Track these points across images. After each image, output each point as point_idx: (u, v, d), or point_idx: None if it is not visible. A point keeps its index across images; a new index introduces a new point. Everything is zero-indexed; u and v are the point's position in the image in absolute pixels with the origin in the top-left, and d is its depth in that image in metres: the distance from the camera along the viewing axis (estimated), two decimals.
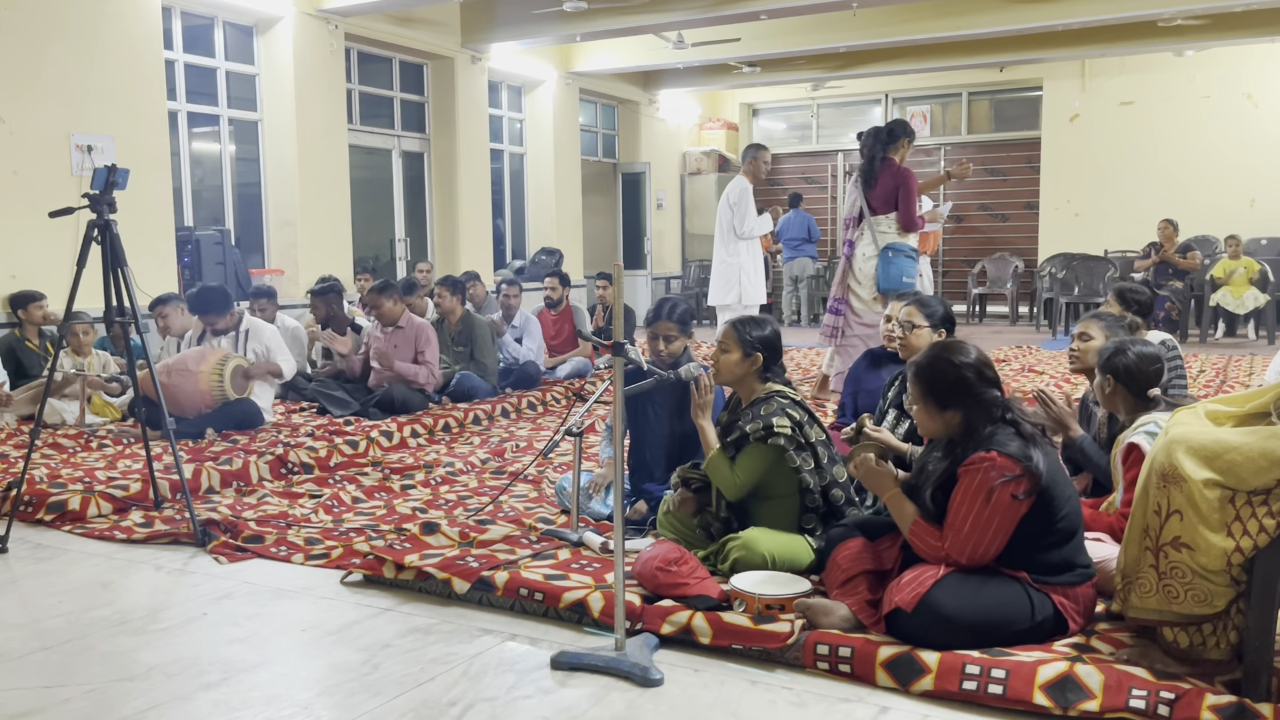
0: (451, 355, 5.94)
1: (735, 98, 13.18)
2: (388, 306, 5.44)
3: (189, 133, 7.45)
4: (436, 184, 9.39)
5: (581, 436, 3.05)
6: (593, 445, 4.52)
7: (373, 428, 4.78)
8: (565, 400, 5.98)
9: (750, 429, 2.62)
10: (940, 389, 2.22)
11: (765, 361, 2.73)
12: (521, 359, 6.25)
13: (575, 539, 2.98)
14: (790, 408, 2.65)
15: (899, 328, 3.18)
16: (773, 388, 2.73)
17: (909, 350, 3.12)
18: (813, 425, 2.67)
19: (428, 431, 4.95)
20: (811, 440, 2.64)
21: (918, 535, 2.19)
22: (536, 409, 5.75)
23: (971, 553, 2.13)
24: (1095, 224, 10.95)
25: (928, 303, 3.21)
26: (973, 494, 2.13)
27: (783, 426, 2.59)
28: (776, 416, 2.61)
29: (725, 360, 2.74)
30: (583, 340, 6.50)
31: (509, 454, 4.52)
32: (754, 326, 2.76)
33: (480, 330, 5.90)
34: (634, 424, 3.31)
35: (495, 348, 6.04)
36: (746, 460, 2.63)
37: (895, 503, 2.24)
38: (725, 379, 2.76)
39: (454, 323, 5.97)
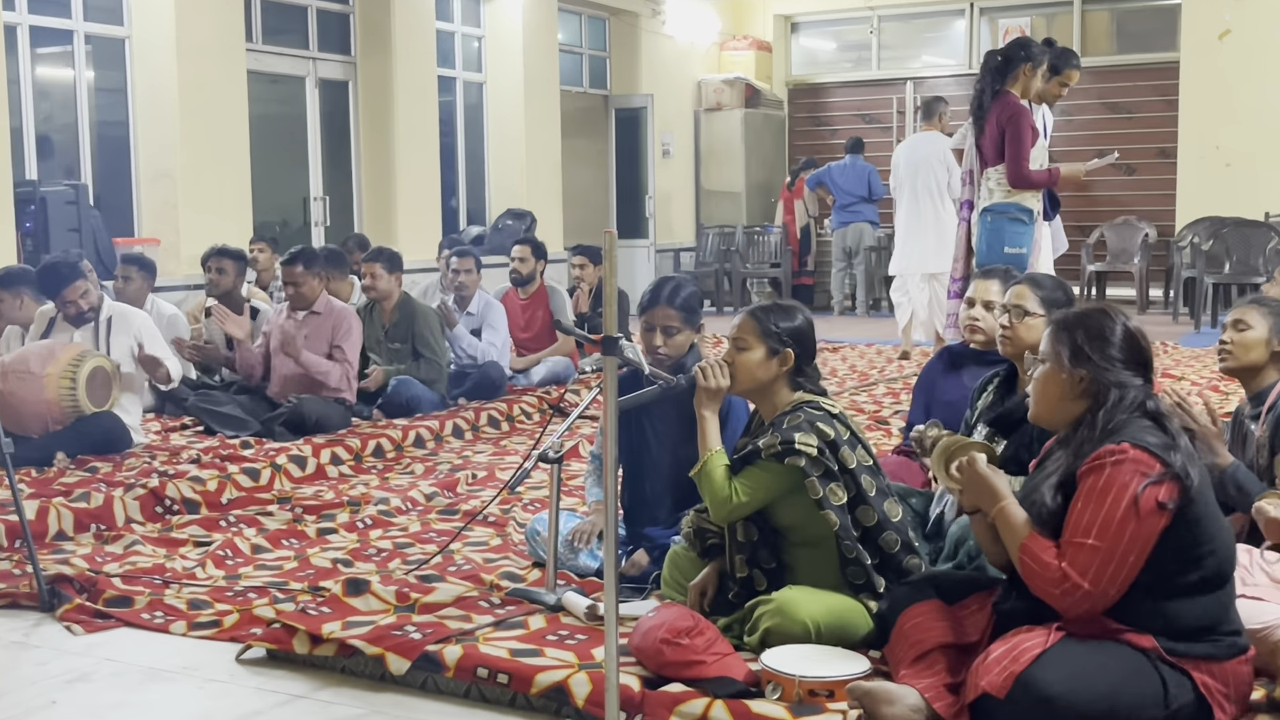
0: (386, 354, 5.96)
1: (767, 7, 13.22)
2: (309, 284, 5.45)
3: (31, 54, 7.46)
4: (365, 124, 9.42)
5: (561, 464, 3.06)
6: (576, 476, 4.53)
7: (279, 452, 4.79)
8: (539, 415, 6.00)
9: (765, 443, 2.64)
10: (1087, 343, 2.26)
11: (798, 362, 2.74)
12: (480, 358, 6.27)
13: (553, 602, 3.00)
14: (824, 421, 2.66)
15: (1003, 313, 3.17)
16: (805, 398, 2.74)
17: (1015, 345, 3.11)
18: (856, 447, 2.68)
19: (353, 457, 4.97)
20: (851, 466, 2.65)
21: (1030, 555, 2.20)
22: (500, 426, 5.78)
23: (1098, 574, 2.14)
24: (1252, 178, 10.88)
25: (1044, 283, 3.19)
26: (1099, 494, 2.15)
27: (807, 444, 2.61)
28: (801, 431, 2.62)
29: (745, 361, 2.74)
30: (562, 334, 6.52)
31: (463, 487, 4.53)
32: (780, 315, 2.77)
33: (424, 321, 5.92)
34: (631, 448, 3.32)
35: (445, 343, 6.06)
36: (751, 478, 2.65)
37: (1005, 517, 2.26)
38: (744, 386, 2.77)
39: (389, 310, 5.98)
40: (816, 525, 2.63)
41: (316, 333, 5.48)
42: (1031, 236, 5.32)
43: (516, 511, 4.08)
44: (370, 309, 6.01)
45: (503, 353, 6.41)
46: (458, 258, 6.49)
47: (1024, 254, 5.25)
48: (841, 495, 2.61)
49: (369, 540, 3.81)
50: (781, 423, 2.65)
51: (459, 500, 4.33)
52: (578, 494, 4.17)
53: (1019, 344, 3.09)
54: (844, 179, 11.10)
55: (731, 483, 2.65)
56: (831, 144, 12.62)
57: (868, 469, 2.67)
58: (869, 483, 2.65)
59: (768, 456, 2.61)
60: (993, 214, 5.31)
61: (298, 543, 3.84)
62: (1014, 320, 3.11)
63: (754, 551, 2.72)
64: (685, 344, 3.24)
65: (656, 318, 3.23)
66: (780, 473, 2.62)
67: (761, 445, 2.62)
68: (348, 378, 5.46)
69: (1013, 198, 5.30)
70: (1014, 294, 3.16)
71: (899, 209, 7.75)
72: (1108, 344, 2.27)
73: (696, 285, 3.45)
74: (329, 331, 5.46)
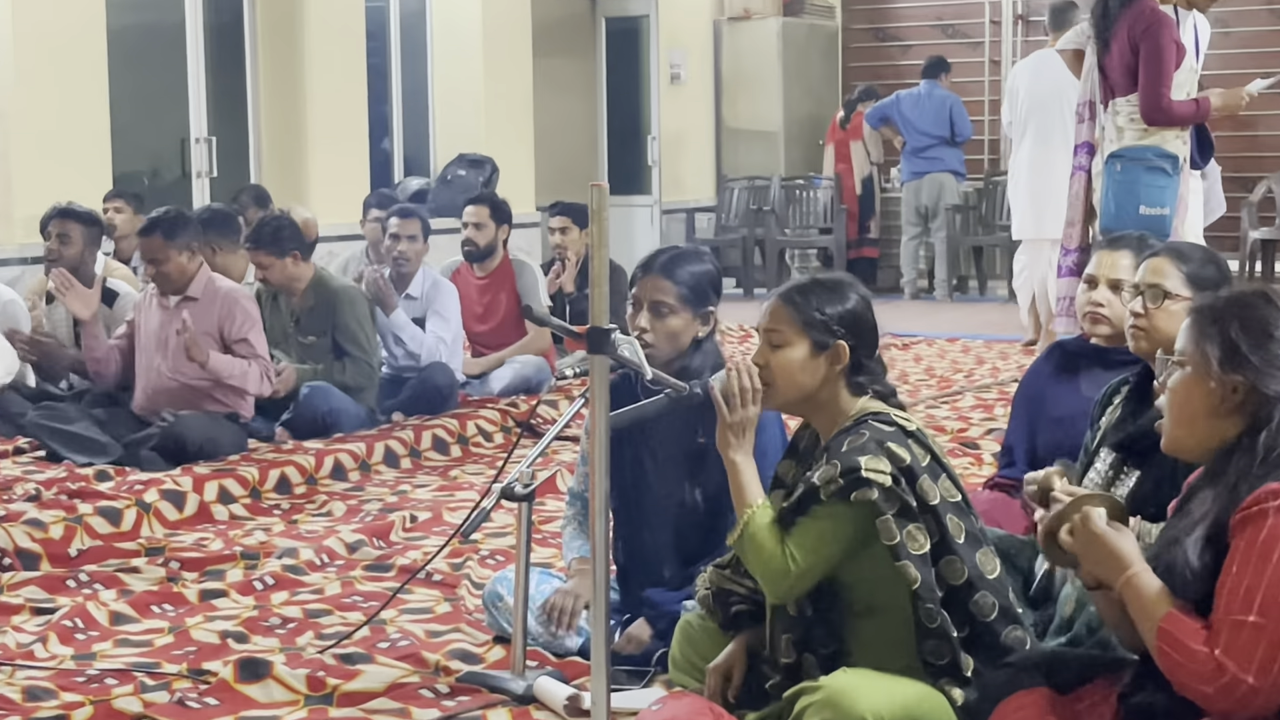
0: (295, 352, 5.97)
1: None
2: (173, 261, 5.46)
3: None
4: (265, 39, 9.41)
5: (532, 502, 3.06)
6: (553, 518, 4.51)
7: (148, 486, 4.79)
8: (502, 435, 6.00)
9: (821, 478, 2.62)
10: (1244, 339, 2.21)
11: (856, 355, 2.74)
12: (424, 357, 6.27)
13: (521, 690, 3.00)
14: (896, 441, 2.65)
15: (1135, 296, 3.16)
16: (869, 407, 2.73)
17: (1152, 340, 3.08)
18: (939, 477, 2.67)
19: (249, 493, 4.98)
20: (932, 502, 2.64)
21: (1171, 640, 2.17)
22: (450, 450, 5.78)
23: (1264, 664, 2.10)
24: None
25: (1191, 255, 3.17)
26: (1261, 552, 2.11)
27: (877, 471, 2.59)
28: (868, 455, 2.60)
29: (783, 362, 2.73)
30: (534, 325, 6.51)
31: (399, 534, 4.54)
32: (824, 295, 2.75)
33: (349, 307, 5.92)
34: (627, 482, 3.32)
35: (375, 338, 6.07)
36: (811, 533, 2.62)
37: (1135, 589, 2.23)
38: (786, 396, 2.75)
39: (299, 294, 5.99)
40: (886, 585, 2.62)
41: (198, 326, 5.47)
42: (1175, 191, 5.30)
43: (472, 567, 4.08)
44: (273, 296, 6.02)
45: (453, 350, 6.41)
46: (399, 219, 6.48)
47: (1165, 215, 5.22)
48: (923, 542, 2.59)
49: (270, 606, 3.81)
50: (841, 444, 2.63)
51: (393, 552, 4.32)
52: (554, 544, 4.15)
53: (1157, 338, 3.06)
54: (918, 114, 11.11)
55: (785, 545, 2.60)
56: (901, 65, 12.66)
57: (954, 507, 2.65)
58: (956, 526, 2.63)
59: (829, 497, 2.58)
60: (1123, 161, 5.28)
61: (173, 609, 3.83)
62: (1149, 305, 3.10)
63: (807, 630, 2.70)
64: (681, 333, 3.23)
65: (645, 290, 3.23)
66: (848, 517, 2.59)
67: (818, 481, 2.60)
68: (267, 375, 5.50)
69: (1150, 139, 5.28)
70: (1149, 269, 3.14)
71: (1018, 153, 7.73)
72: (1272, 340, 2.25)
73: (714, 261, 3.44)
74: (214, 324, 5.45)
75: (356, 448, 5.46)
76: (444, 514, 4.73)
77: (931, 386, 7.19)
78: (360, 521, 4.68)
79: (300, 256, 5.88)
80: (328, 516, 4.81)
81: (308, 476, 5.18)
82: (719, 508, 3.20)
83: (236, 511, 4.84)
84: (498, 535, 4.42)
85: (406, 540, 4.47)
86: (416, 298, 6.42)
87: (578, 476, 3.49)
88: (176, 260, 5.43)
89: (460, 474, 5.44)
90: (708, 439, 3.20)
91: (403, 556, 4.24)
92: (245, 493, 4.95)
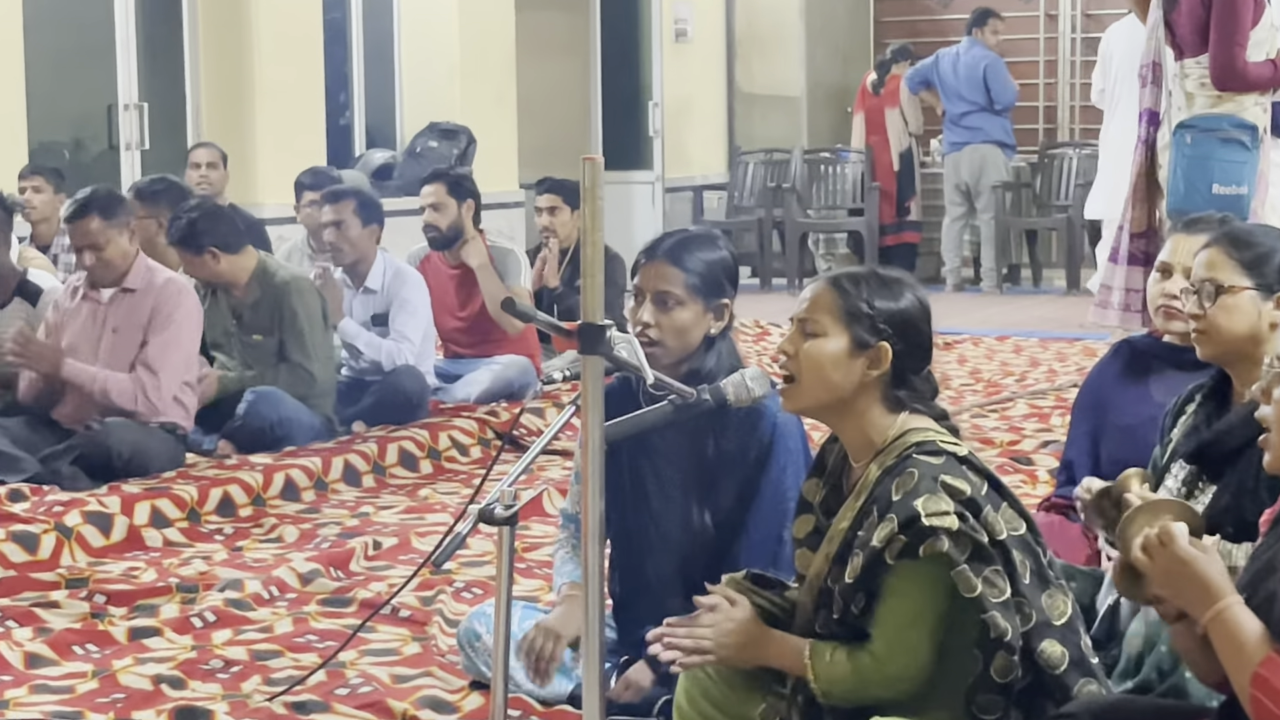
0: (239, 352, 5.97)
1: None
2: (115, 243, 5.46)
3: None
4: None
5: (515, 527, 3.05)
6: (541, 545, 4.49)
7: (69, 507, 4.80)
8: (480, 449, 6.00)
9: (881, 539, 2.60)
10: None
11: (900, 365, 2.73)
12: (387, 361, 6.28)
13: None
14: (951, 472, 2.63)
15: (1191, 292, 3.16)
16: (912, 427, 2.72)
17: (1214, 344, 3.08)
18: (1000, 505, 2.66)
19: (186, 515, 4.98)
20: (1000, 537, 2.63)
21: (1269, 689, 2.16)
22: (419, 466, 5.79)
23: None
24: None
25: (1245, 238, 3.17)
26: None
27: (939, 514, 2.56)
28: (924, 496, 2.59)
29: (814, 354, 2.71)
30: (512, 321, 6.51)
31: (360, 563, 4.54)
32: (878, 289, 2.74)
33: (300, 300, 5.92)
34: (625, 503, 3.32)
35: (330, 337, 6.07)
36: (896, 612, 2.58)
37: (1226, 626, 2.20)
38: (811, 396, 2.74)
39: (241, 287, 6.00)
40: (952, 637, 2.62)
41: (128, 322, 5.48)
42: (1254, 167, 5.28)
43: (445, 601, 4.08)
44: (211, 288, 6.01)
45: (423, 351, 6.43)
46: (330, 204, 6.47)
47: (1242, 194, 5.21)
48: (1003, 586, 2.57)
49: (211, 647, 3.80)
50: (888, 491, 2.60)
51: (353, 584, 4.32)
52: (541, 574, 4.15)
53: (1220, 338, 3.06)
54: (955, 75, 11.12)
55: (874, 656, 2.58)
56: (941, 21, 12.64)
57: (1019, 541, 2.63)
58: (1021, 563, 2.62)
59: (896, 559, 2.57)
60: (1193, 132, 5.27)
61: (99, 650, 3.82)
62: (1204, 304, 3.09)
63: None
64: (689, 329, 3.21)
65: (647, 279, 3.22)
66: (926, 577, 2.56)
67: (878, 544, 2.57)
68: (183, 404, 5.45)
69: (1224, 107, 5.27)
70: (1200, 263, 3.12)
71: (1109, 126, 7.67)
72: None
73: (729, 245, 3.44)
74: (145, 320, 5.45)
75: (311, 463, 5.45)
76: (412, 540, 4.72)
77: (978, 392, 7.19)
78: (315, 548, 4.68)
79: (220, 252, 5.82)
80: (278, 543, 4.81)
81: (254, 496, 5.18)
82: (732, 532, 3.20)
83: (172, 537, 4.83)
84: (475, 565, 4.41)
85: (369, 570, 4.46)
86: (376, 291, 6.42)
87: (570, 497, 3.49)
88: (118, 244, 5.43)
89: (431, 493, 5.44)
90: (720, 452, 3.21)
91: (365, 589, 4.24)
92: (182, 515, 4.95)
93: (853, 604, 2.59)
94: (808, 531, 2.76)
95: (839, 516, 2.70)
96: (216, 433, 5.73)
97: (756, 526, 3.17)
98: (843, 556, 2.64)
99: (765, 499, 3.16)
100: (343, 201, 6.42)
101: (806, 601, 2.72)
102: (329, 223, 6.39)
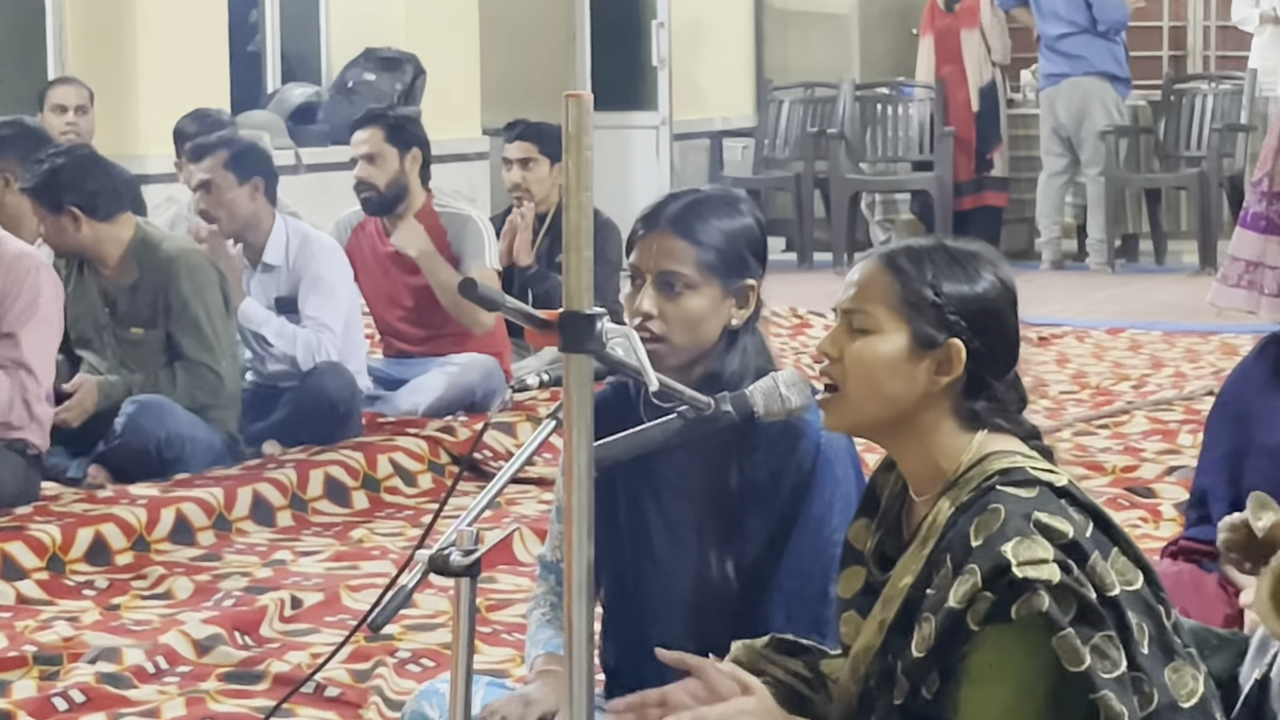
0: (114, 350, 5.99)
1: None
2: None
3: None
4: None
5: (476, 578, 3.06)
6: (511, 603, 4.48)
7: None
8: (432, 475, 6.02)
9: (960, 598, 2.60)
10: None
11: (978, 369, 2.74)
12: (306, 356, 6.30)
13: None
14: (1045, 506, 2.64)
15: None
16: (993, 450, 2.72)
17: None
18: (1112, 551, 2.67)
19: (45, 563, 4.99)
20: (1112, 593, 2.64)
21: None
22: (349, 499, 5.81)
23: None
24: None
25: None
26: None
27: (1034, 562, 2.56)
28: (1013, 541, 2.59)
29: (864, 354, 2.70)
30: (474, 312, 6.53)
31: (274, 626, 4.55)
32: (944, 267, 2.73)
33: (191, 282, 5.94)
34: (621, 545, 3.34)
35: (231, 328, 6.09)
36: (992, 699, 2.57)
37: None
38: (857, 409, 2.73)
39: (114, 265, 6.01)
40: None
41: None
42: None
43: (385, 676, 4.09)
44: (77, 264, 6.04)
45: (348, 345, 6.44)
46: (194, 161, 6.52)
47: None
48: (1117, 657, 2.57)
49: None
50: (965, 535, 2.61)
51: (266, 653, 4.33)
52: (511, 641, 4.15)
53: None
54: None
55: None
56: None
57: (1135, 599, 2.64)
58: (1139, 627, 2.63)
59: (982, 624, 2.57)
60: None
61: None
62: None
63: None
64: (704, 319, 3.21)
65: (649, 255, 3.23)
66: (1025, 650, 2.56)
67: (957, 605, 2.58)
68: (25, 402, 5.47)
69: None
70: None
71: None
72: None
73: (755, 211, 3.45)
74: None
75: (210, 495, 5.47)
76: (343, 596, 4.74)
77: (1082, 402, 7.21)
78: (215, 607, 4.68)
79: (82, 215, 5.84)
80: (166, 599, 4.81)
81: (135, 539, 5.19)
82: (761, 587, 3.21)
83: (27, 592, 4.84)
84: (424, 628, 4.43)
85: (285, 636, 4.47)
86: (276, 266, 6.45)
87: (550, 540, 3.50)
88: None
89: (367, 535, 5.46)
90: (745, 481, 3.21)
91: (280, 660, 4.24)
92: (40, 564, 4.96)
93: (924, 686, 2.59)
94: (856, 589, 2.74)
95: (899, 570, 2.68)
96: (86, 455, 5.74)
97: (792, 578, 3.18)
98: (905, 623, 2.63)
99: (804, 543, 3.16)
100: (211, 156, 6.45)
101: (852, 682, 2.73)
102: (198, 184, 6.44)
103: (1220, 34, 12.13)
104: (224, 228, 6.38)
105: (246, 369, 6.34)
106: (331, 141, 9.45)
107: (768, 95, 12.59)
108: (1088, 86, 11.07)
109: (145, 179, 7.63)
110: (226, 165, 6.39)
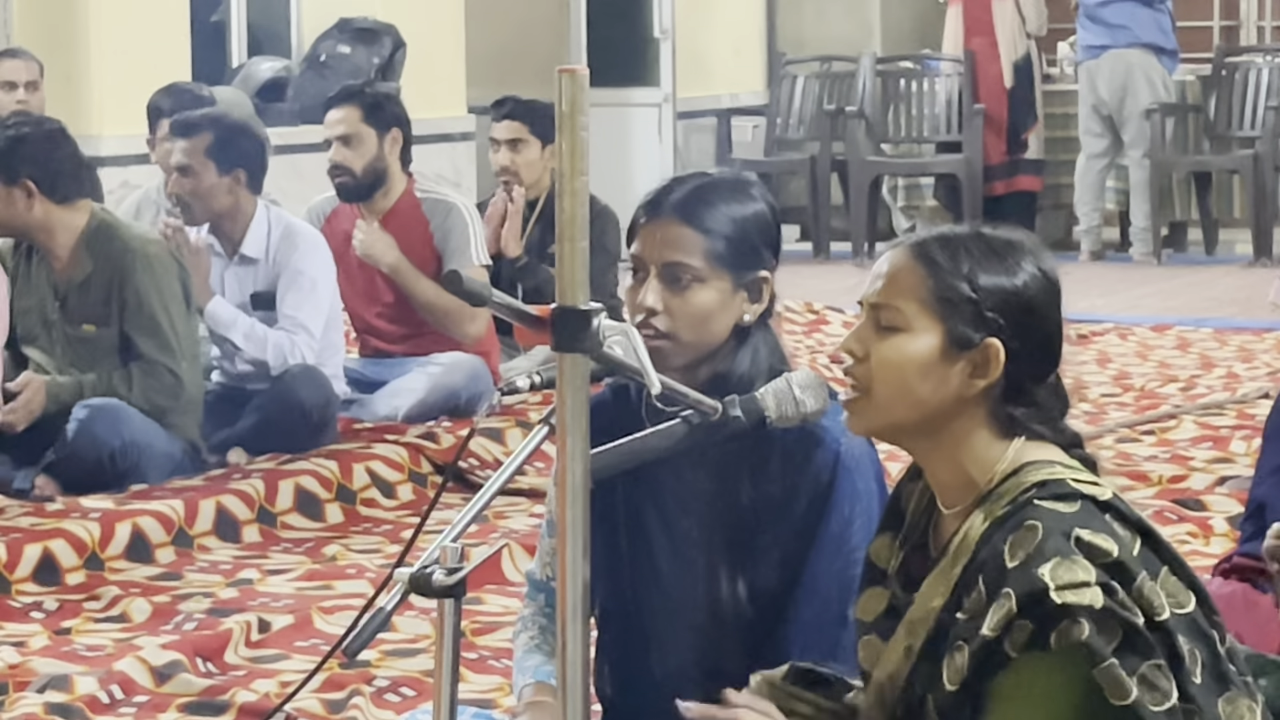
0: (63, 348, 6.01)
1: None
2: None
3: None
4: None
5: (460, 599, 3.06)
6: (498, 626, 4.49)
7: None
8: (412, 486, 6.04)
9: (995, 624, 2.60)
10: None
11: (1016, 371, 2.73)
12: (277, 359, 6.32)
13: None
14: (1086, 522, 2.63)
15: None
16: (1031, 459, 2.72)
17: None
18: (1160, 571, 2.67)
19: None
20: (1162, 617, 2.63)
21: None
22: (322, 514, 5.83)
23: None
24: None
25: None
26: None
27: (1074, 586, 2.56)
28: (1051, 562, 2.59)
29: (892, 354, 2.70)
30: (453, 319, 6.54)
31: (239, 652, 4.56)
32: (981, 258, 2.73)
33: (149, 278, 5.95)
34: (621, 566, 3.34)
35: (194, 326, 6.10)
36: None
37: None
38: (884, 413, 2.73)
39: (65, 255, 6.02)
40: None
41: None
42: None
43: (362, 708, 4.10)
44: (26, 247, 6.06)
45: (327, 347, 6.47)
46: (180, 138, 6.51)
47: None
48: (1168, 687, 2.58)
49: None
50: (999, 549, 2.61)
51: (231, 681, 4.34)
52: (500, 668, 4.16)
53: None
54: None
55: None
56: None
57: (1187, 622, 2.64)
58: (1190, 654, 2.63)
59: (1021, 651, 2.57)
60: None
61: None
62: None
63: None
64: (712, 315, 3.22)
65: (652, 244, 3.24)
66: (1064, 681, 2.56)
67: (991, 632, 2.57)
68: None
69: None
70: None
71: None
72: None
73: (768, 196, 3.44)
74: None
75: (169, 508, 5.48)
76: (315, 619, 4.75)
77: (1126, 406, 7.22)
78: (176, 630, 4.69)
79: (37, 193, 5.85)
80: (121, 622, 4.82)
81: (88, 556, 5.20)
82: (775, 609, 3.21)
83: None
84: (405, 654, 4.43)
85: (252, 662, 4.48)
86: (256, 259, 6.46)
87: (541, 557, 3.50)
88: None
89: (342, 551, 5.47)
90: (758, 494, 3.21)
91: (246, 689, 4.24)
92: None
93: None
94: (878, 612, 2.74)
95: (925, 591, 2.67)
96: (33, 465, 5.75)
97: (809, 601, 3.18)
98: (935, 650, 2.63)
99: (822, 562, 3.16)
100: (196, 136, 6.45)
101: (878, 713, 2.72)
102: (176, 166, 6.43)
103: (1277, 2, 12.14)
104: (194, 217, 6.39)
105: (212, 368, 6.35)
106: (302, 121, 9.46)
107: (780, 69, 12.62)
108: (1131, 59, 11.08)
109: (99, 161, 7.62)
110: (208, 152, 6.39)
